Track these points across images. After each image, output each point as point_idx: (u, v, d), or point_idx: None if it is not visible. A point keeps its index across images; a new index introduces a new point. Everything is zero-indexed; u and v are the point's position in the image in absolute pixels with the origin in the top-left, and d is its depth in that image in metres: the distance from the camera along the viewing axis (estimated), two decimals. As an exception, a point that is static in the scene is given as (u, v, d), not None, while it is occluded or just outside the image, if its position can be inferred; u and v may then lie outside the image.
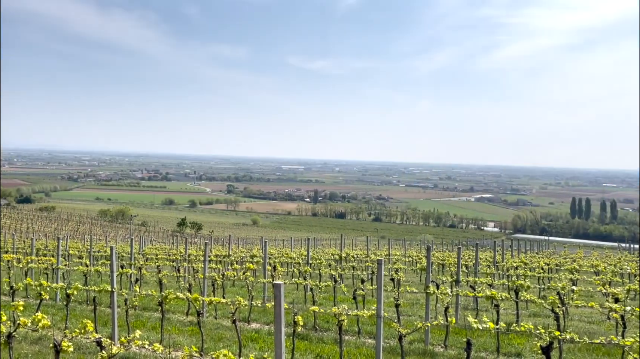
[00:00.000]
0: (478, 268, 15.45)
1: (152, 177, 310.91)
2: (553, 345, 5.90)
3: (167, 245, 38.74)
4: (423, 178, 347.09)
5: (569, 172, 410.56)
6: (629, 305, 9.79)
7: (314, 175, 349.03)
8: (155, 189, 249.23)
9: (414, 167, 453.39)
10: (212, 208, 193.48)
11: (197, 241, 54.34)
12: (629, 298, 14.32)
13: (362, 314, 7.79)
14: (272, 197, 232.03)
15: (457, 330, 10.32)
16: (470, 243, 58.98)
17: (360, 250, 29.75)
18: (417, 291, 11.44)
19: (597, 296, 15.07)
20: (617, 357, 8.43)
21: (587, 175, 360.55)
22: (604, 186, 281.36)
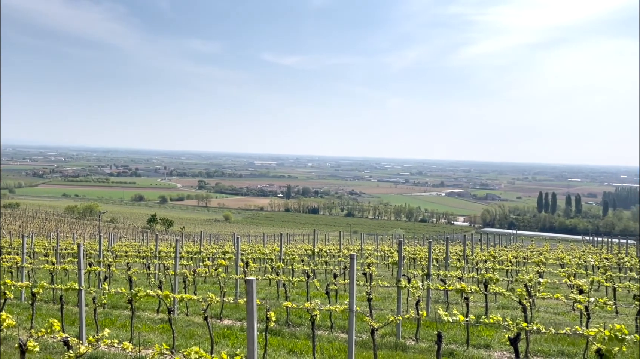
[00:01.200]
0: (448, 262, 15.69)
1: (121, 173, 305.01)
2: (520, 336, 6.04)
3: (137, 242, 38.11)
4: (395, 173, 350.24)
5: (536, 167, 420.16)
6: (592, 296, 10.10)
7: (286, 171, 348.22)
8: (124, 185, 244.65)
9: (386, 163, 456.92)
10: (183, 204, 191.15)
11: (167, 238, 53.64)
12: (593, 289, 14.78)
13: (334, 309, 7.82)
14: (244, 193, 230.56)
15: (428, 323, 10.47)
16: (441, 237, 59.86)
17: (333, 245, 29.86)
18: (389, 285, 11.56)
19: (563, 288, 15.49)
20: (581, 347, 8.68)
21: (553, 170, 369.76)
22: (569, 181, 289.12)
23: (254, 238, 48.16)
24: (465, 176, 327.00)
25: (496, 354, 8.64)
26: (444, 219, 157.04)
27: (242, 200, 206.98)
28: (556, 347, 8.91)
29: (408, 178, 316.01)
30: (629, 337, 5.53)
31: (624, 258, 20.60)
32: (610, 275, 13.87)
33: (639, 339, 5.82)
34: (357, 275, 17.22)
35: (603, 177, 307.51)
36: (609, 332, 5.56)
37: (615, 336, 5.57)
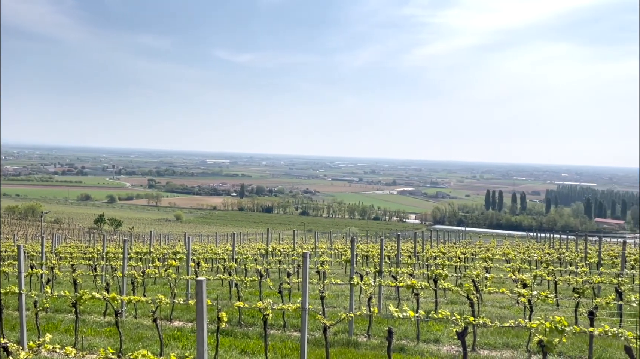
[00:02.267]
0: (400, 259, 15.96)
1: (67, 172, 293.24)
2: (467, 330, 6.21)
3: (83, 243, 36.76)
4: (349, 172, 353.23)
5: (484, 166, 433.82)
6: (535, 290, 10.52)
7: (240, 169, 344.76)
8: (70, 184, 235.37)
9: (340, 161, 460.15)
10: (133, 203, 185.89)
11: (116, 239, 52.03)
12: (536, 283, 15.40)
13: (287, 307, 7.80)
14: (196, 192, 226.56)
15: (380, 319, 10.62)
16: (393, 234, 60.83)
17: (287, 244, 29.80)
18: (342, 282, 11.63)
19: (508, 283, 16.05)
20: (525, 338, 9.02)
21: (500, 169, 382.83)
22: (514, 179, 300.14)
23: (206, 238, 47.41)
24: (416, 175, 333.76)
25: (445, 349, 8.86)
26: (396, 217, 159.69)
27: (194, 199, 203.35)
28: (502, 339, 9.23)
29: (362, 176, 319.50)
30: (568, 328, 5.80)
31: (565, 252, 21.58)
32: (551, 269, 14.48)
33: (578, 330, 6.12)
34: (310, 273, 17.24)
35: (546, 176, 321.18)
36: (550, 324, 5.80)
37: (556, 328, 5.82)
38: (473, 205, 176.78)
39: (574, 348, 8.75)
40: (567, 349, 8.65)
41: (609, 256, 20.62)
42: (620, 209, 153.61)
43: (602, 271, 14.75)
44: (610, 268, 17.03)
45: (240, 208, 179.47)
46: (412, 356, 8.22)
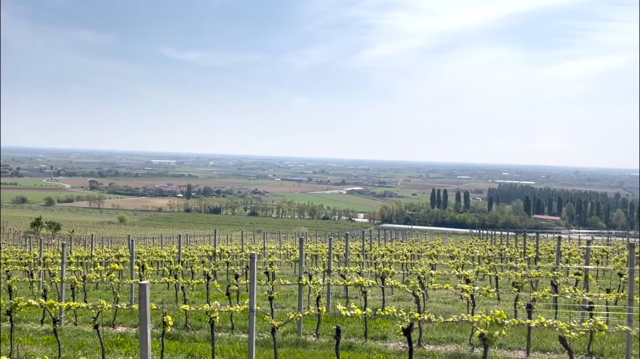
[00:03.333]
0: (348, 258, 16.12)
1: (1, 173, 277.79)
2: (413, 326, 6.35)
3: (18, 248, 34.92)
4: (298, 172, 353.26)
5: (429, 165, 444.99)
6: (478, 285, 10.89)
7: (186, 170, 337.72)
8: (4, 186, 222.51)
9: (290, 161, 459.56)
10: (73, 206, 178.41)
11: (55, 243, 49.76)
12: (478, 279, 15.95)
13: (234, 309, 7.71)
14: (141, 193, 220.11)
15: (329, 318, 10.68)
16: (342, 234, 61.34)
17: (235, 245, 29.47)
18: (291, 283, 11.63)
19: (453, 279, 16.54)
20: (468, 332, 9.31)
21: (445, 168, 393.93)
22: (458, 178, 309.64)
23: (151, 240, 46.17)
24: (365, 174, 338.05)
25: (392, 345, 9.02)
26: (345, 216, 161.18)
27: (138, 200, 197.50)
28: (446, 334, 9.49)
29: (311, 176, 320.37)
30: (507, 321, 6.03)
31: (505, 248, 22.47)
32: (493, 265, 15.03)
33: (517, 322, 6.38)
34: (259, 274, 17.12)
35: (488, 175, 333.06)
36: (491, 318, 6.02)
37: (496, 321, 6.04)
38: (419, 203, 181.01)
39: (514, 339, 9.12)
40: (507, 341, 9.01)
41: (546, 251, 21.63)
42: (557, 206, 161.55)
43: (539, 265, 15.46)
44: (547, 262, 17.87)
45: (187, 210, 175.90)
46: (360, 353, 8.31)
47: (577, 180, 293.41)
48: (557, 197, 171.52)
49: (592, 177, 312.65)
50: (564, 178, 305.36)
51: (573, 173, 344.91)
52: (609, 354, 8.43)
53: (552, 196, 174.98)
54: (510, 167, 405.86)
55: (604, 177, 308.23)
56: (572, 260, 17.77)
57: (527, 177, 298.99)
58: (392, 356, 8.21)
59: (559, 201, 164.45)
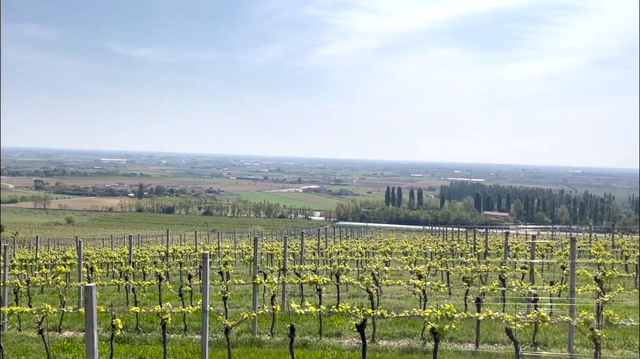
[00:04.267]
0: (304, 256, 16.15)
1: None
2: (366, 322, 6.43)
3: (-44, 252, 33.06)
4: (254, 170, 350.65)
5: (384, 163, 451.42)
6: (429, 281, 11.14)
7: (138, 169, 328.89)
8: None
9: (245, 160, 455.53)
10: (17, 206, 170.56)
11: (-3, 245, 47.39)
12: (430, 274, 16.30)
13: (187, 310, 7.58)
14: (90, 193, 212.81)
15: (284, 317, 10.66)
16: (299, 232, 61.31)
17: (189, 245, 28.96)
18: (246, 282, 11.54)
19: (406, 274, 16.83)
20: (420, 327, 9.50)
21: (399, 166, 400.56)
22: (412, 176, 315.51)
23: (101, 242, 44.76)
24: (321, 172, 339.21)
25: (346, 341, 9.11)
26: (301, 214, 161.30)
27: (87, 200, 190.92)
28: (399, 329, 9.66)
29: (267, 175, 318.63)
30: (457, 315, 6.20)
31: (456, 244, 23.08)
32: (444, 261, 15.40)
33: (466, 316, 6.57)
34: (213, 274, 16.88)
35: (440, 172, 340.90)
36: (441, 312, 6.18)
37: (446, 315, 6.20)
38: (374, 201, 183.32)
39: (464, 333, 9.38)
40: (457, 335, 9.25)
41: (495, 246, 22.36)
42: (506, 202, 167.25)
43: (488, 260, 15.97)
44: (496, 257, 18.47)
45: (138, 209, 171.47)
46: (314, 351, 8.34)
47: (525, 177, 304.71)
48: (505, 194, 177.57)
49: (539, 175, 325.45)
50: (512, 175, 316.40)
51: (520, 171, 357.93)
52: (553, 344, 8.81)
53: (501, 193, 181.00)
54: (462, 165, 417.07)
55: (549, 175, 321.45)
56: (519, 255, 18.45)
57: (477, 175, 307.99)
58: (347, 352, 8.29)
59: (507, 198, 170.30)
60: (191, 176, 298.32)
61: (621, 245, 22.80)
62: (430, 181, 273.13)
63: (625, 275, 13.66)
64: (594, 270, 13.49)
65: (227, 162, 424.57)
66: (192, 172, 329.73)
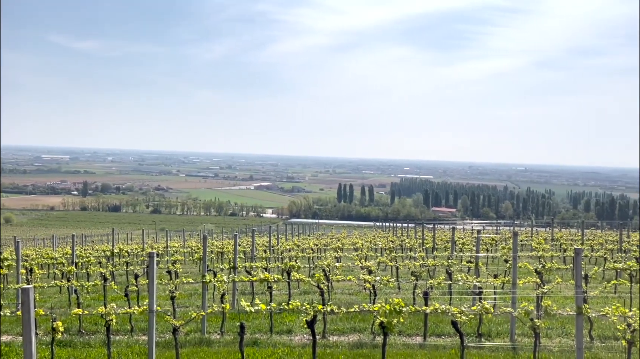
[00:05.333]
0: (255, 254, 16.02)
1: None
2: (317, 318, 6.45)
3: None
4: (204, 167, 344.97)
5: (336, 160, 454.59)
6: (379, 276, 11.30)
7: (82, 166, 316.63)
8: None
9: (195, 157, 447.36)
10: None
11: None
12: (380, 269, 16.55)
13: (132, 311, 7.36)
14: (30, 191, 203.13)
15: (234, 315, 10.55)
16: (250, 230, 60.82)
17: (136, 244, 28.17)
18: (195, 281, 11.35)
19: (357, 270, 17.02)
20: (370, 322, 9.63)
21: (351, 164, 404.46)
22: (363, 173, 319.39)
23: (42, 242, 42.87)
24: (273, 169, 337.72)
25: (297, 338, 9.11)
26: (253, 212, 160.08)
27: (27, 199, 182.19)
28: (349, 324, 9.76)
29: (218, 172, 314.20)
30: (405, 309, 6.31)
31: (405, 239, 23.54)
32: (394, 256, 15.67)
33: (414, 310, 6.70)
34: (161, 274, 16.49)
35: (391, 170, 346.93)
36: (390, 306, 6.27)
37: (394, 309, 6.30)
38: (327, 198, 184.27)
39: (412, 326, 9.58)
40: (406, 328, 9.44)
41: (442, 241, 22.97)
42: (453, 199, 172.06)
43: (436, 255, 16.38)
44: (443, 251, 18.98)
45: (83, 208, 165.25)
46: (265, 348, 8.30)
47: (471, 174, 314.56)
48: (453, 190, 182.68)
49: (484, 171, 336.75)
50: (459, 172, 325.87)
51: (467, 168, 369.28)
52: (496, 335, 9.13)
53: (449, 190, 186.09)
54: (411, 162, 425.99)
55: (494, 172, 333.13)
56: (465, 249, 19.02)
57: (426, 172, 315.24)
58: (297, 349, 8.29)
59: (455, 194, 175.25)
60: (139, 173, 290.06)
61: (560, 239, 23.93)
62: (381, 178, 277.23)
63: (564, 266, 14.35)
64: (535, 262, 14.09)
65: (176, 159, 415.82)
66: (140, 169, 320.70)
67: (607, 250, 18.60)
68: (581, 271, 6.48)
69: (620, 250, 18.55)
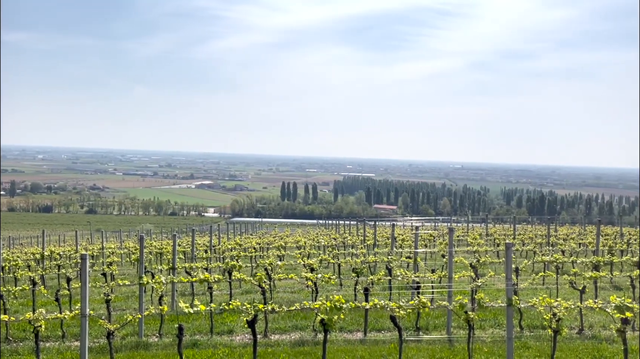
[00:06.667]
0: (195, 254, 15.72)
1: None
2: (257, 318, 6.40)
3: None
4: (142, 166, 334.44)
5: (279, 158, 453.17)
6: (321, 273, 11.38)
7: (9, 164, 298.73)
8: None
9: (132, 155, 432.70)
10: None
11: None
12: (323, 267, 16.68)
13: (64, 316, 7.04)
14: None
15: (173, 317, 10.31)
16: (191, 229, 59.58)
17: (69, 246, 26.91)
18: (132, 283, 10.98)
19: (299, 268, 17.05)
20: (312, 319, 9.68)
21: (294, 162, 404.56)
22: (307, 171, 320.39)
23: (-35, 245, 40.08)
24: (215, 168, 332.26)
25: (238, 338, 9.02)
26: (194, 211, 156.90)
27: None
28: (291, 323, 9.77)
29: (157, 170, 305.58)
30: (345, 305, 6.39)
31: (348, 237, 23.84)
32: (336, 253, 15.82)
33: (353, 306, 6.79)
34: (96, 276, 15.87)
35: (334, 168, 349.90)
36: (330, 303, 6.32)
37: (335, 306, 6.36)
38: (270, 196, 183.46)
39: (353, 322, 9.71)
40: (347, 325, 9.56)
41: (383, 237, 23.43)
42: (394, 196, 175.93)
43: (377, 251, 16.67)
44: (384, 248, 19.36)
45: (10, 209, 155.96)
46: (205, 349, 8.17)
47: (411, 172, 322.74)
48: (394, 188, 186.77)
49: (423, 169, 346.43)
50: (400, 170, 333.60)
51: (407, 166, 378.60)
52: (434, 328, 9.43)
53: (390, 187, 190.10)
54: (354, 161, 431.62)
55: (433, 169, 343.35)
56: (404, 245, 19.49)
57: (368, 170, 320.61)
58: (238, 349, 8.21)
59: (395, 191, 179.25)
60: (72, 172, 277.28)
61: (494, 234, 25.01)
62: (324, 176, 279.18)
63: (497, 260, 15.02)
64: (470, 257, 14.65)
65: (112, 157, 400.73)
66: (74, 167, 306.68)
67: (537, 244, 19.63)
68: (511, 265, 6.80)
69: (549, 243, 19.63)
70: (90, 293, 12.66)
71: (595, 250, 13.83)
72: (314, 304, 6.56)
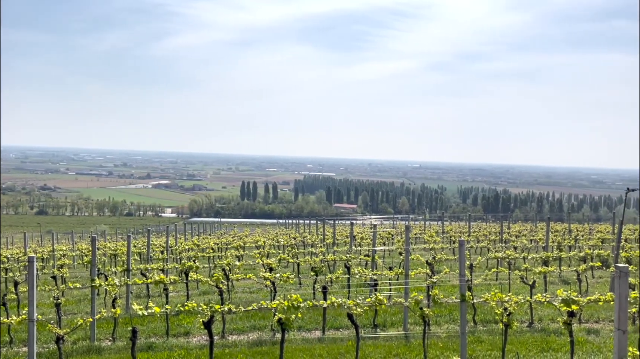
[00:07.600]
0: (151, 255, 15.39)
1: None
2: (214, 318, 6.32)
3: None
4: (96, 165, 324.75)
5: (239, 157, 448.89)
6: (280, 273, 11.35)
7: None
8: None
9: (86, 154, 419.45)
10: None
11: None
12: (282, 266, 16.64)
13: (10, 321, 6.75)
14: None
15: (128, 320, 10.06)
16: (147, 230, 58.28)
17: (17, 249, 25.84)
18: (84, 286, 10.65)
19: (258, 268, 16.96)
20: (270, 319, 9.63)
21: (254, 161, 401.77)
22: (267, 170, 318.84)
23: None
24: (172, 167, 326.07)
25: (195, 340, 8.89)
26: (151, 211, 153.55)
27: None
28: (250, 323, 9.70)
29: (112, 170, 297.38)
30: (303, 304, 6.39)
31: (307, 236, 23.88)
32: (295, 252, 15.81)
33: (311, 304, 6.81)
34: (46, 279, 15.31)
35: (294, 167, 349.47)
36: (288, 302, 6.32)
37: (292, 305, 6.36)
38: (229, 196, 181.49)
39: (312, 321, 9.73)
40: (305, 323, 9.57)
41: (343, 236, 23.59)
42: (354, 195, 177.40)
43: (336, 250, 16.76)
44: (343, 246, 19.48)
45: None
46: (160, 352, 8.01)
47: (371, 171, 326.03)
48: (354, 187, 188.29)
49: (383, 168, 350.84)
50: (360, 169, 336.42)
51: (367, 165, 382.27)
52: (391, 325, 9.55)
53: (350, 186, 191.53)
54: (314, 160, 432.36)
55: (391, 168, 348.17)
56: (363, 243, 19.68)
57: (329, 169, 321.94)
58: (195, 350, 8.09)
59: (355, 190, 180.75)
60: (21, 171, 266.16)
61: (450, 231, 25.58)
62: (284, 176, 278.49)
63: (453, 257, 15.34)
64: (427, 254, 14.93)
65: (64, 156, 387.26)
66: (23, 167, 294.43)
67: (490, 241, 20.21)
68: (465, 261, 6.97)
69: (502, 240, 20.23)
70: (39, 297, 12.21)
71: (545, 246, 14.37)
72: (271, 304, 6.55)
